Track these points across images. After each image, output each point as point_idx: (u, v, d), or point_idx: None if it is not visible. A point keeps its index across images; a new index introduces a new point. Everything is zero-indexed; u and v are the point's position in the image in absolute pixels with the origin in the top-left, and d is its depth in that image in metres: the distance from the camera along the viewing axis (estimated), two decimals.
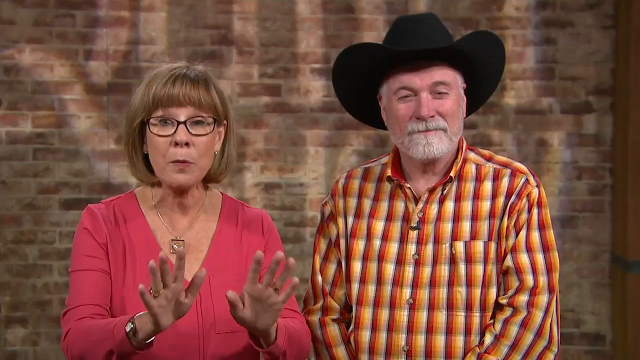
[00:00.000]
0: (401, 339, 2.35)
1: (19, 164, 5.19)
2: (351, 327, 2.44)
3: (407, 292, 2.36)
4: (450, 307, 2.33)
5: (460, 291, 2.33)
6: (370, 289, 2.40)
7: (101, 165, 5.23)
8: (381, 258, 2.40)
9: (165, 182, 2.23)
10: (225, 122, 2.27)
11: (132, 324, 1.99)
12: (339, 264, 2.48)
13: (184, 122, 2.17)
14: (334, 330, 2.47)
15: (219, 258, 2.26)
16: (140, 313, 1.99)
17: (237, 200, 2.40)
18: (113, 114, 5.19)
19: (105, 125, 5.22)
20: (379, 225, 2.43)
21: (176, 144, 2.16)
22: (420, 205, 2.40)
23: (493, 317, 2.34)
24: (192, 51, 5.18)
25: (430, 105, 2.33)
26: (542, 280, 2.33)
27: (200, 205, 2.30)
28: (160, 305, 1.92)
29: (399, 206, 2.43)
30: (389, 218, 2.43)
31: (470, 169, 2.43)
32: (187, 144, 2.17)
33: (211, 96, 2.21)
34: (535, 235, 2.36)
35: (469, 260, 2.34)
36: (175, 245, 2.24)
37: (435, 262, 2.36)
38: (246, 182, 5.30)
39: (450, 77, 2.36)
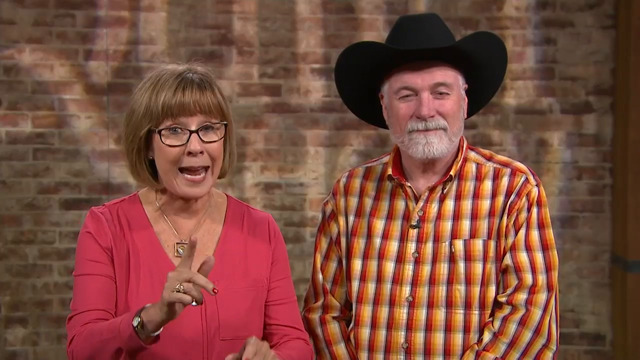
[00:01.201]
0: (400, 336, 2.35)
1: (19, 164, 5.19)
2: (351, 325, 2.44)
3: (406, 290, 2.36)
4: (449, 304, 2.33)
5: (460, 289, 2.33)
6: (370, 287, 2.40)
7: (101, 165, 5.22)
8: (381, 256, 2.40)
9: (176, 193, 2.20)
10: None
11: (139, 317, 1.98)
12: (340, 262, 2.48)
13: (196, 131, 2.14)
14: (334, 328, 2.48)
15: (224, 263, 2.22)
16: (147, 305, 1.98)
17: (242, 203, 2.37)
18: (113, 114, 5.18)
19: (105, 125, 5.21)
20: (379, 224, 2.43)
21: (189, 153, 2.14)
22: (421, 203, 2.40)
23: (492, 315, 2.34)
24: (192, 51, 5.18)
25: (431, 105, 2.33)
26: (541, 278, 2.33)
27: (206, 208, 2.28)
28: (187, 290, 1.92)
29: (400, 205, 2.43)
30: (390, 217, 2.43)
31: (471, 168, 2.43)
32: (201, 152, 2.15)
33: (217, 100, 2.18)
34: (534, 234, 2.36)
35: (468, 258, 2.34)
36: (180, 249, 2.22)
37: (434, 260, 2.36)
38: (246, 182, 5.30)
39: (451, 78, 2.36)
